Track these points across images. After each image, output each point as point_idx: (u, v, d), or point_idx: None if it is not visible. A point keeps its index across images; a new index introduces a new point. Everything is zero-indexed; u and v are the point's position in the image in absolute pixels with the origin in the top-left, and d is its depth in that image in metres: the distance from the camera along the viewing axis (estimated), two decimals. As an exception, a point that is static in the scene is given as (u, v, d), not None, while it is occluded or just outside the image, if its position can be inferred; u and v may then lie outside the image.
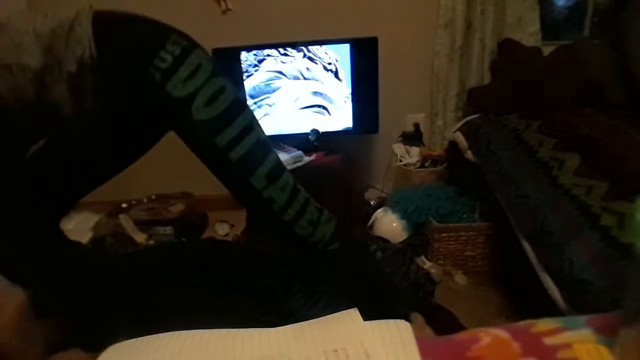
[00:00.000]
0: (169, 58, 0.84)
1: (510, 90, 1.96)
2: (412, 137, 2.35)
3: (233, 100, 0.91)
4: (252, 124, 0.93)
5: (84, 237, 2.07)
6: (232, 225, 2.30)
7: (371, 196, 2.42)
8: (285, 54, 2.11)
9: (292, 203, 0.97)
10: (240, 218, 2.22)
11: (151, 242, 2.14)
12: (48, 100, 0.83)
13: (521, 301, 1.59)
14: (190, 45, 0.89)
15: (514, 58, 2.06)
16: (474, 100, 2.16)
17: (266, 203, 0.95)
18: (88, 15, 0.84)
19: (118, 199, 2.31)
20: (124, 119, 0.94)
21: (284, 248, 1.86)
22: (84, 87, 0.83)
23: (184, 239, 2.19)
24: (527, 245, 1.33)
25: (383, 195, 2.39)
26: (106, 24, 0.85)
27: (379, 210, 2.10)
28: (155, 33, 0.89)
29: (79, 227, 2.13)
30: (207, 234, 2.31)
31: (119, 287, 1.64)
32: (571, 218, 1.19)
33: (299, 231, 1.01)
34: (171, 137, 1.17)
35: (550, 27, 2.25)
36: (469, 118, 2.05)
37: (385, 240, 1.94)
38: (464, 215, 1.87)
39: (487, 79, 2.23)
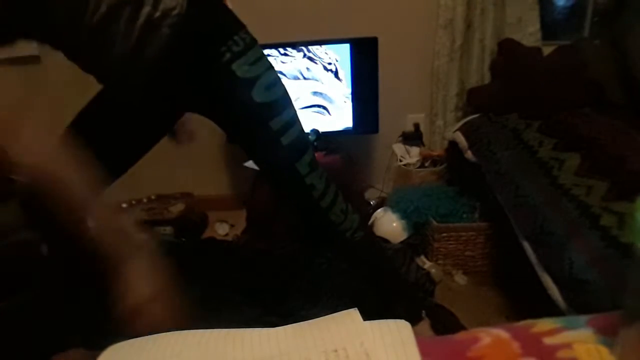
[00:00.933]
0: (242, 43, 0.92)
1: (510, 90, 1.96)
2: (412, 137, 2.35)
3: (285, 91, 1.00)
4: (296, 116, 1.01)
5: (84, 237, 2.07)
6: (232, 225, 2.30)
7: (371, 196, 2.42)
8: (285, 54, 2.11)
9: (327, 191, 1.05)
10: (240, 218, 2.22)
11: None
12: (106, 31, 0.83)
13: (521, 301, 1.59)
14: (254, 39, 0.98)
15: (514, 58, 2.06)
16: (474, 100, 2.16)
17: (308, 189, 1.02)
18: None
19: (118, 198, 2.31)
20: (165, 86, 0.96)
21: (284, 248, 1.87)
22: (155, 37, 0.85)
23: (184, 239, 2.19)
24: (527, 245, 1.33)
25: (383, 195, 2.39)
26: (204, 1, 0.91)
27: (379, 210, 2.10)
28: (234, 19, 0.97)
29: (79, 227, 2.12)
30: (207, 234, 2.31)
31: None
32: (571, 218, 1.19)
33: (334, 218, 1.07)
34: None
35: (550, 27, 2.25)
36: (469, 118, 2.05)
37: (385, 240, 1.94)
38: (464, 215, 1.86)
39: (487, 79, 2.23)
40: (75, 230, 0.79)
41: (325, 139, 2.17)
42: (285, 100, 1.00)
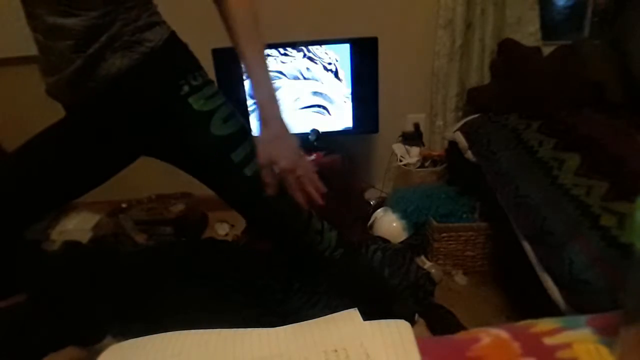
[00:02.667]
0: (200, 79, 0.97)
1: (510, 90, 1.96)
2: (412, 137, 2.35)
3: (242, 123, 1.02)
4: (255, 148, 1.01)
5: (84, 237, 2.07)
6: (232, 225, 2.30)
7: (371, 196, 2.42)
8: (285, 54, 2.11)
9: (299, 215, 1.04)
10: (240, 218, 2.21)
11: (151, 242, 2.14)
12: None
13: (521, 301, 1.59)
14: (211, 79, 1.03)
15: (514, 58, 2.06)
16: (474, 100, 2.16)
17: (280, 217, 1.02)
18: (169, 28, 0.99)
19: (118, 198, 2.31)
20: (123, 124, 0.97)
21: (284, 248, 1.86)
22: (121, 58, 0.90)
23: (184, 239, 2.19)
24: (527, 245, 1.33)
25: (383, 195, 2.39)
26: (177, 40, 1.00)
27: (379, 210, 2.10)
28: (195, 60, 1.02)
29: (79, 227, 2.13)
30: (207, 234, 2.31)
31: (118, 286, 1.64)
32: (571, 218, 1.19)
33: (309, 240, 1.07)
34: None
35: (550, 27, 2.25)
36: (469, 118, 2.05)
37: (385, 240, 1.94)
38: (464, 215, 1.86)
39: (487, 79, 2.23)
40: None
41: (325, 139, 2.17)
42: (244, 132, 1.01)
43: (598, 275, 1.03)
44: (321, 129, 2.16)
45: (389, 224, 2.00)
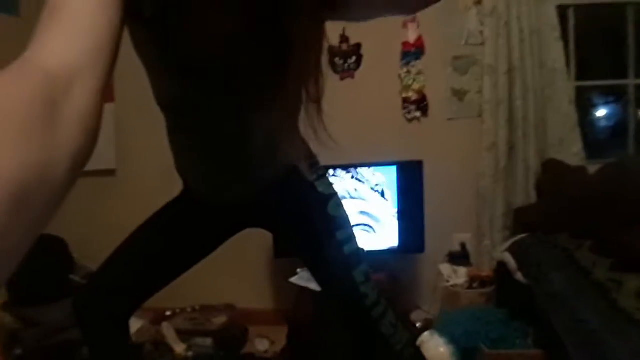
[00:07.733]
0: (323, 169, 1.17)
1: (558, 209, 1.94)
2: (459, 257, 2.30)
3: (347, 214, 1.17)
4: (355, 236, 1.16)
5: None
6: (273, 342, 2.23)
7: (417, 318, 2.31)
8: (334, 175, 2.22)
9: (379, 302, 1.10)
10: (280, 335, 2.16)
11: (190, 353, 2.10)
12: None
13: None
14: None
15: (559, 177, 2.06)
16: (521, 219, 2.14)
17: (361, 297, 1.09)
18: None
19: (163, 306, 2.33)
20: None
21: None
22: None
23: (222, 353, 2.14)
24: (588, 377, 1.21)
25: (429, 317, 2.28)
26: None
27: (425, 333, 1.99)
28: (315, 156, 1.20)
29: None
30: (247, 348, 2.25)
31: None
32: (639, 347, 1.10)
33: (384, 329, 1.10)
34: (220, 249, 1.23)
35: (594, 146, 2.28)
36: (517, 238, 2.01)
37: (432, 366, 1.81)
38: (517, 341, 1.73)
39: (533, 199, 2.22)
40: None
41: (370, 258, 2.16)
42: (349, 219, 1.16)
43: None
44: (366, 248, 2.17)
45: (436, 349, 1.88)
